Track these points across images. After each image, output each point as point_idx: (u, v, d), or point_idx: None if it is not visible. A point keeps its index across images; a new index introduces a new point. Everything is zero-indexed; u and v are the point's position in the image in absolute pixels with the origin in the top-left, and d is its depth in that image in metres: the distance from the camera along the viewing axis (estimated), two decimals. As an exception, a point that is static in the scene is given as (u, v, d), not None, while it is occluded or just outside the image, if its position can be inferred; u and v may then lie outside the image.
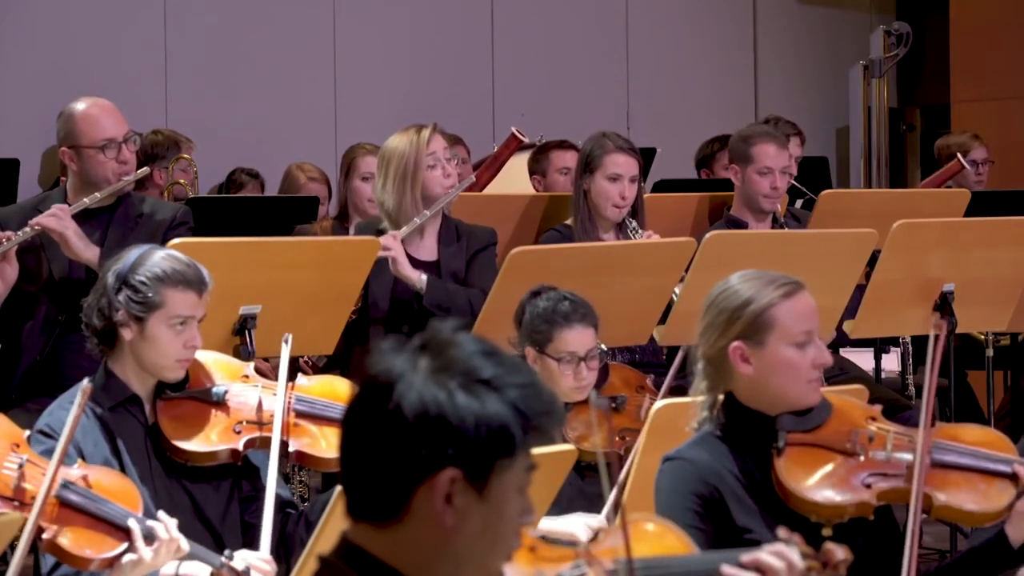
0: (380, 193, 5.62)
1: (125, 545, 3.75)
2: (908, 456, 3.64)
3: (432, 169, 5.58)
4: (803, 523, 3.50)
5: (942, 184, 8.08)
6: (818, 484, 3.56)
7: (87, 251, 5.14)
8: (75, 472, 3.81)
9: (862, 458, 3.63)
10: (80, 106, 5.31)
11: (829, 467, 3.60)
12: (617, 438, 4.79)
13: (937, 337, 3.79)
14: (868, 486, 3.60)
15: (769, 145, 6.38)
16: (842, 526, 3.56)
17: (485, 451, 2.12)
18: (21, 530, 3.60)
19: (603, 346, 4.92)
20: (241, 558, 3.82)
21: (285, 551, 4.02)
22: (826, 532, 3.53)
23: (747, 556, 2.93)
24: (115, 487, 3.84)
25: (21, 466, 3.76)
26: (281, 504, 4.11)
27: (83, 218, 5.22)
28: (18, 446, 3.82)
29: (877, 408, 3.77)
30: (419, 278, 5.48)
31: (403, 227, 5.51)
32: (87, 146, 5.22)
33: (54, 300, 5.21)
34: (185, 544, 3.79)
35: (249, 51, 8.56)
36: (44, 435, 3.99)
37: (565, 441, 4.75)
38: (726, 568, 2.91)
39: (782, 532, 2.99)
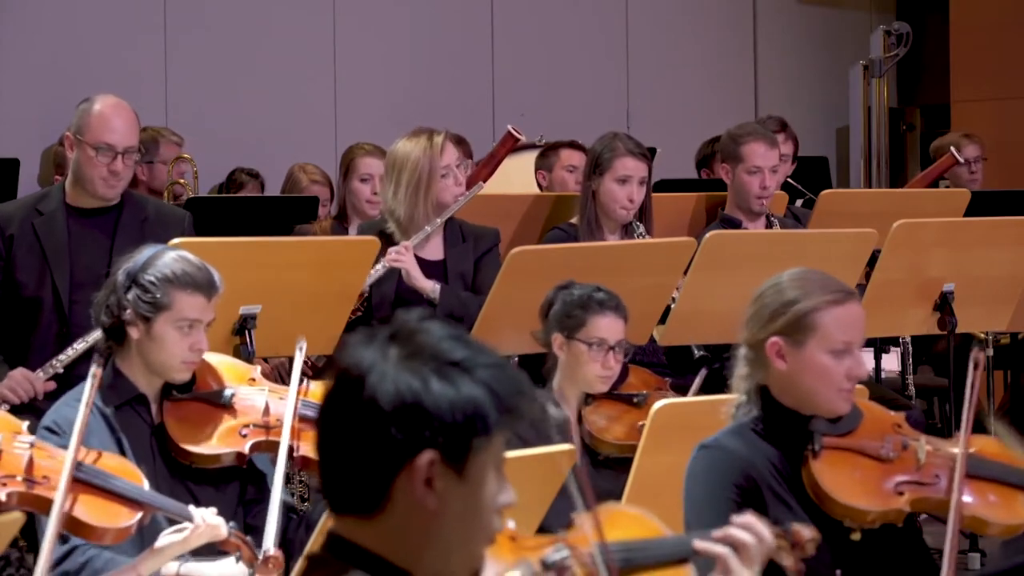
0: (391, 201, 5.59)
1: (139, 516, 3.82)
2: (940, 466, 3.66)
3: (444, 179, 5.58)
4: (832, 524, 3.52)
5: (936, 179, 8.08)
6: (853, 488, 3.56)
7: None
8: (80, 453, 3.85)
9: (896, 465, 3.64)
10: (100, 102, 5.26)
11: (864, 472, 3.61)
12: (639, 432, 4.82)
13: (976, 366, 3.77)
14: (901, 493, 3.61)
15: (758, 144, 6.33)
16: (871, 531, 3.57)
17: (461, 432, 2.14)
18: (46, 511, 3.73)
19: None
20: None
21: (285, 555, 4.02)
22: (855, 536, 3.55)
23: (718, 532, 2.94)
24: (117, 466, 3.91)
25: (32, 445, 3.83)
26: (283, 508, 4.11)
27: (87, 218, 5.21)
28: (19, 432, 3.87)
29: (901, 415, 3.78)
30: (432, 288, 5.49)
31: (412, 235, 5.52)
32: (87, 142, 5.20)
33: (58, 308, 5.17)
34: (224, 530, 3.82)
35: (249, 51, 8.57)
36: (51, 431, 4.00)
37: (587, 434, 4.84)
38: (698, 543, 2.93)
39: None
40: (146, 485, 3.89)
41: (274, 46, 8.65)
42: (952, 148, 7.91)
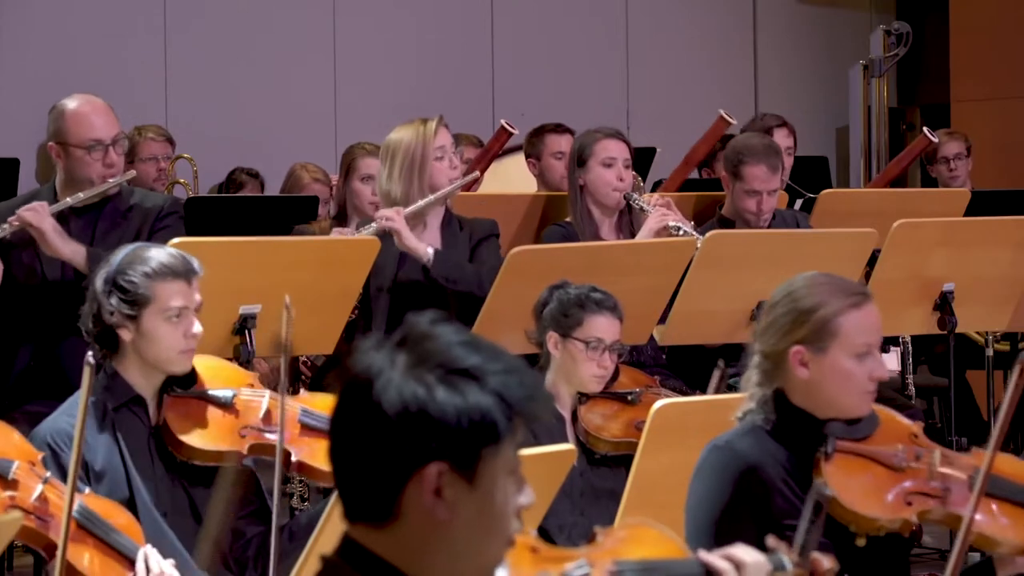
0: (386, 183, 5.59)
1: None
2: (952, 479, 3.62)
3: (440, 161, 5.58)
4: (839, 529, 3.51)
5: (912, 162, 8.09)
6: (862, 495, 3.54)
7: (66, 247, 5.06)
8: (88, 498, 3.83)
9: (907, 475, 3.61)
10: (72, 104, 5.24)
11: (874, 480, 3.58)
12: (635, 428, 4.81)
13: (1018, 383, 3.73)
14: (910, 504, 3.59)
15: (759, 168, 6.22)
16: (876, 538, 3.56)
17: (470, 441, 2.10)
18: (46, 552, 3.70)
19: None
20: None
21: (263, 564, 4.01)
22: (860, 542, 3.53)
23: (729, 548, 2.91)
24: (122, 520, 3.88)
25: (45, 481, 3.79)
26: (266, 515, 4.09)
27: (72, 215, 5.19)
28: (34, 464, 3.83)
29: (919, 425, 3.76)
30: (425, 250, 5.47)
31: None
32: (75, 145, 5.17)
33: (47, 303, 5.16)
34: None
35: (249, 51, 8.57)
36: (52, 449, 3.98)
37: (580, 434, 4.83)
38: (703, 554, 2.90)
39: (770, 540, 2.96)
40: (144, 543, 3.85)
41: (274, 46, 8.65)
42: (925, 129, 7.87)
